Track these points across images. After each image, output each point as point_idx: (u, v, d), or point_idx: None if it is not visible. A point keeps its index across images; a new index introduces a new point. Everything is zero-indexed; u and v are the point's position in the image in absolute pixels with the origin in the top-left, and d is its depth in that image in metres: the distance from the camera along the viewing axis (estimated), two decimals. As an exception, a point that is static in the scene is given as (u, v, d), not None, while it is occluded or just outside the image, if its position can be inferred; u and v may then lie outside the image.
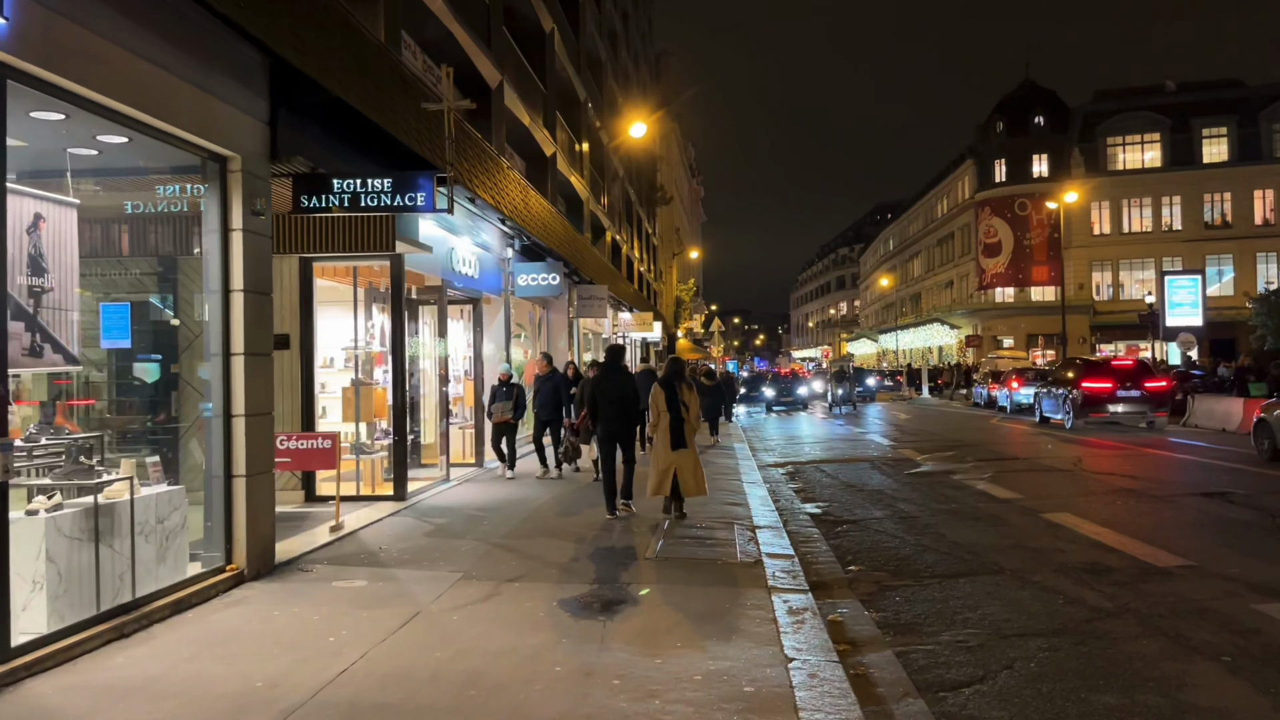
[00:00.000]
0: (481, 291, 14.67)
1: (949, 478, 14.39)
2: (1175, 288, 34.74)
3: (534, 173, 21.58)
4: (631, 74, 41.63)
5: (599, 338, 29.50)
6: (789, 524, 10.54)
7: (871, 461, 17.10)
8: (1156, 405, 22.52)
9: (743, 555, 8.17)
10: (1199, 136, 58.79)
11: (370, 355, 11.83)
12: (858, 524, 10.59)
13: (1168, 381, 23.84)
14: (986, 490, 12.82)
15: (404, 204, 7.74)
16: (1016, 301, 63.13)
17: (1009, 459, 16.83)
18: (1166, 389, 23.10)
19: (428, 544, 8.62)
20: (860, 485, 13.92)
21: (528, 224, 15.25)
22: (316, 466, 9.10)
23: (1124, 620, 6.44)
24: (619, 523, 9.86)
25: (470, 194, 11.83)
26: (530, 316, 20.79)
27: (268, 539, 7.31)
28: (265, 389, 7.28)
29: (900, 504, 11.92)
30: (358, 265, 11.18)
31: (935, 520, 10.59)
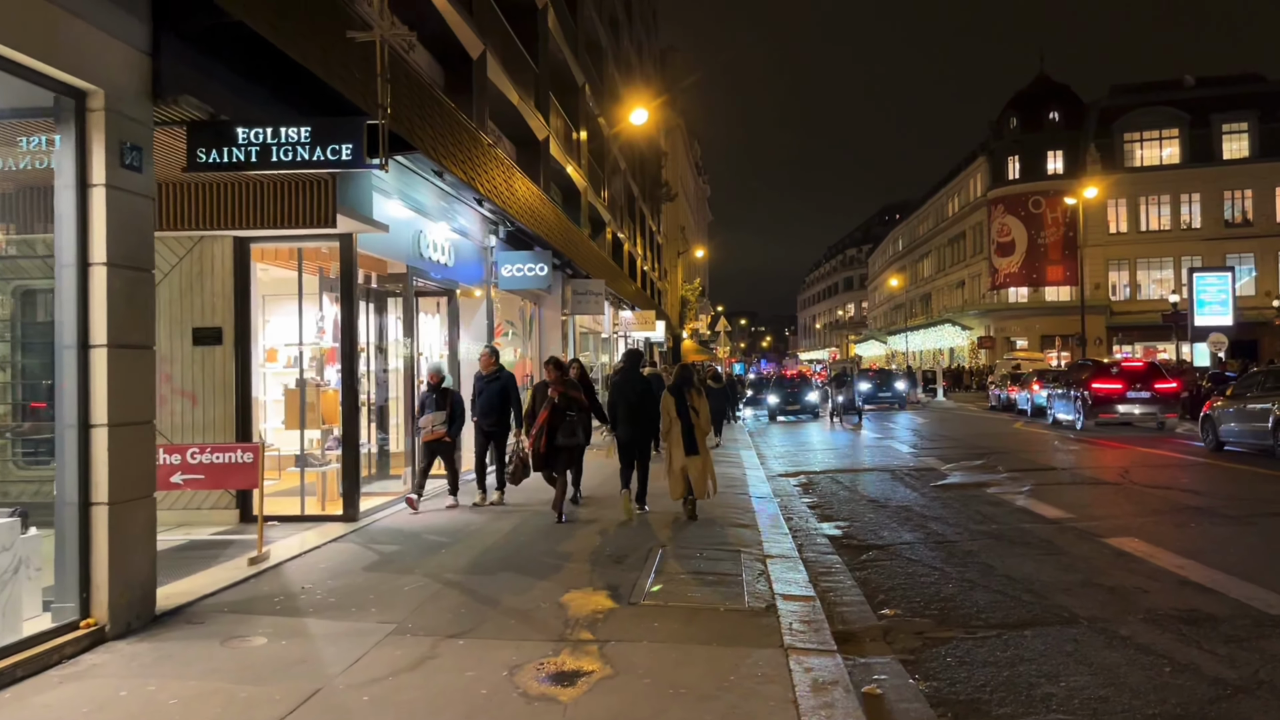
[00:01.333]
0: (458, 282, 13.11)
1: (982, 491, 12.77)
2: (1204, 285, 33.05)
3: (525, 158, 20.04)
4: (635, 64, 40.07)
5: (598, 337, 27.91)
6: (805, 549, 8.96)
7: (892, 472, 15.49)
8: (1167, 407, 22.41)
9: (751, 598, 6.58)
10: (1219, 132, 57.07)
11: (321, 352, 10.27)
12: (886, 550, 8.99)
13: (1177, 383, 23.03)
14: (1029, 507, 11.20)
15: (326, 158, 6.18)
16: (1030, 302, 61.40)
17: (1045, 469, 15.19)
18: (1176, 390, 22.75)
19: (365, 581, 7.04)
20: (883, 500, 12.32)
21: (510, 207, 13.68)
22: (235, 484, 7.55)
23: (1260, 698, 4.85)
24: (605, 552, 8.28)
25: (437, 166, 10.28)
26: (520, 313, 19.22)
27: (144, 582, 5.74)
28: (143, 392, 5.72)
29: (932, 524, 10.31)
30: (302, 247, 9.62)
31: (978, 546, 8.98)
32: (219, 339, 9.22)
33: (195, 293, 9.32)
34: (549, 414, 9.56)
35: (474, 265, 14.22)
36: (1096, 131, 58.52)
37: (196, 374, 9.29)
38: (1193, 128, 57.06)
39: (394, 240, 10.78)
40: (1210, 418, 17.39)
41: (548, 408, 9.62)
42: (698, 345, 55.74)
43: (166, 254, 9.33)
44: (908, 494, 12.83)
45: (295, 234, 9.10)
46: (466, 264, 13.73)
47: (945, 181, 75.95)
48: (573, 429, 9.71)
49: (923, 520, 10.60)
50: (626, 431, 10.44)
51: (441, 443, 10.25)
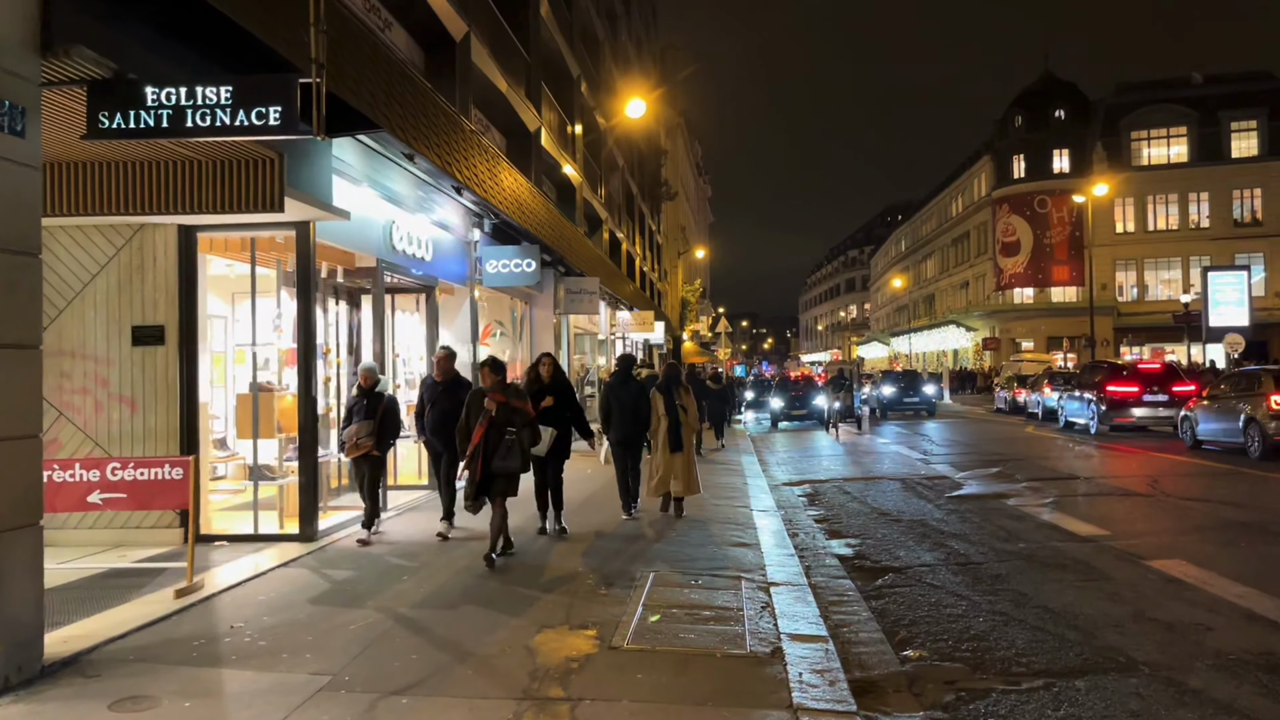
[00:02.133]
0: (438, 278, 12.17)
1: (1002, 503, 11.83)
2: (1219, 285, 32.09)
3: (515, 149, 19.11)
4: (633, 60, 39.15)
5: (594, 338, 26.98)
6: (813, 572, 8.03)
7: (903, 481, 14.53)
8: None
9: (754, 640, 5.63)
10: (1227, 130, 56.15)
11: (282, 354, 9.34)
12: (904, 574, 8.04)
13: (1195, 385, 22.00)
14: (1056, 522, 10.25)
15: (251, 123, 5.24)
16: (1036, 302, 60.44)
17: (1066, 477, 14.24)
18: (1195, 393, 21.29)
19: (307, 617, 6.09)
20: (896, 513, 11.37)
21: (494, 198, 12.75)
22: (164, 504, 6.61)
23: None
24: (589, 578, 7.33)
25: (407, 148, 9.34)
26: (511, 313, 18.29)
27: (25, 628, 4.81)
28: (24, 400, 4.78)
29: (952, 541, 9.36)
30: (255, 236, 8.68)
31: (1006, 569, 8.03)
32: (161, 338, 8.29)
33: (135, 287, 8.38)
34: (484, 430, 7.55)
35: (456, 261, 13.29)
36: (1103, 130, 57.61)
37: (136, 377, 8.36)
38: (1201, 126, 56.13)
39: (362, 231, 9.86)
40: (1189, 417, 18.23)
41: (483, 422, 7.59)
42: (698, 347, 54.79)
43: (103, 244, 8.40)
44: (922, 506, 11.88)
45: (245, 221, 8.18)
46: (447, 259, 12.80)
47: (949, 181, 75.01)
48: (510, 451, 7.58)
49: (941, 537, 9.65)
50: (620, 434, 10.43)
51: (368, 458, 8.57)
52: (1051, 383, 28.36)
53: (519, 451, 7.65)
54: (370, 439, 8.44)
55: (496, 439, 7.61)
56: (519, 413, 7.77)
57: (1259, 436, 15.54)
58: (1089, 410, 22.18)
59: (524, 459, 7.70)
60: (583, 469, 14.99)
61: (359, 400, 8.53)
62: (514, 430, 7.65)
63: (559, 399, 9.14)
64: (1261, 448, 15.44)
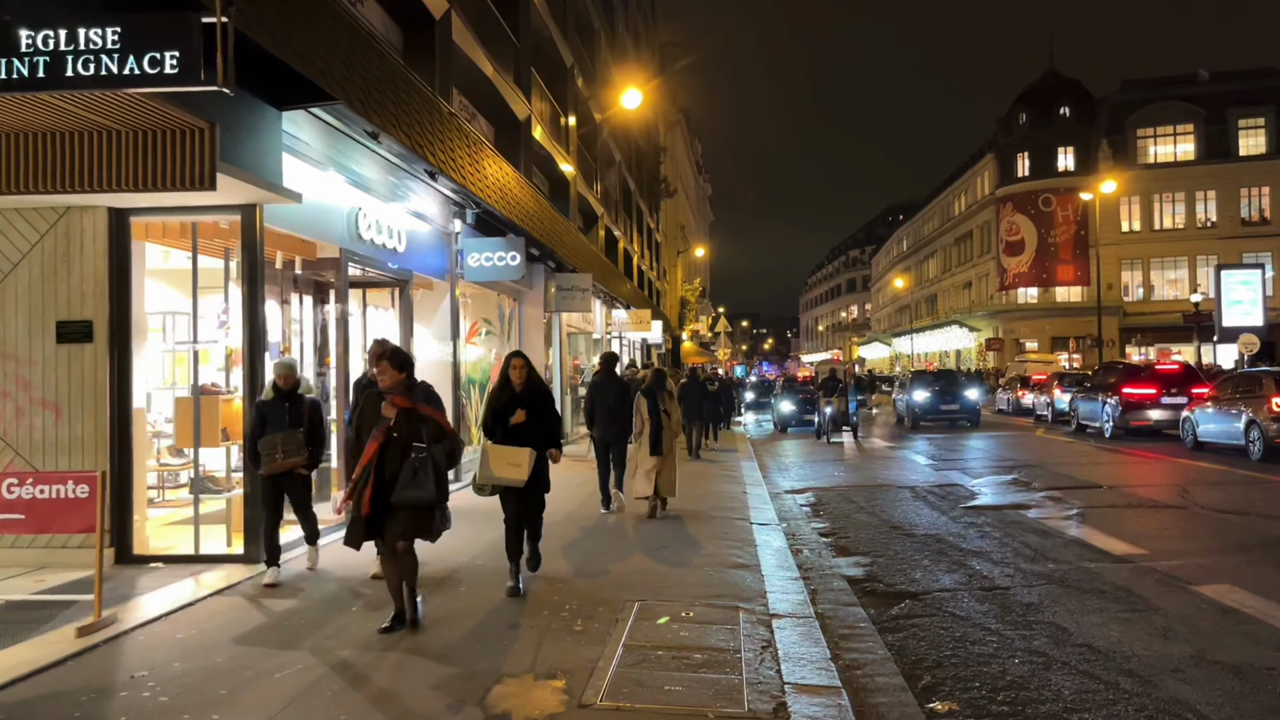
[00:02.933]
0: (413, 271, 11.27)
1: (1023, 516, 10.93)
2: (1233, 284, 31.18)
3: (504, 139, 18.20)
4: (631, 53, 38.24)
5: (589, 338, 26.08)
6: (820, 597, 7.15)
7: (912, 489, 13.63)
8: None
9: (753, 694, 4.73)
10: (1235, 127, 55.28)
11: (230, 352, 8.44)
12: (922, 600, 7.14)
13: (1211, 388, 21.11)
14: (1086, 539, 9.35)
15: (144, 72, 4.35)
16: (1040, 302, 59.57)
17: (1087, 485, 13.32)
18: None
19: (226, 663, 5.18)
20: (908, 526, 10.47)
21: (476, 186, 11.87)
22: (67, 527, 5.71)
23: None
24: (564, 608, 6.44)
25: (370, 125, 8.46)
26: (499, 311, 17.40)
27: None
28: None
29: (974, 561, 8.46)
30: (197, 221, 7.77)
31: (1038, 596, 7.13)
32: (89, 335, 7.39)
33: (60, 278, 7.49)
34: (379, 447, 5.66)
35: (435, 253, 12.39)
36: (1109, 127, 56.75)
37: (61, 379, 7.46)
38: (1208, 123, 55.27)
39: (323, 218, 8.97)
40: (1190, 419, 18.15)
41: (379, 435, 5.68)
42: (697, 347, 53.90)
43: (25, 229, 7.51)
44: (935, 518, 10.99)
45: (182, 202, 7.29)
46: (425, 251, 11.91)
47: (952, 180, 74.12)
48: (419, 476, 5.64)
49: (961, 555, 8.74)
50: (602, 433, 10.91)
51: (293, 476, 7.11)
52: (1062, 384, 27.50)
53: (431, 476, 5.64)
54: (300, 454, 6.99)
55: (397, 458, 5.62)
56: (429, 422, 5.76)
57: (1260, 438, 15.60)
58: (1104, 413, 21.29)
59: (439, 485, 5.73)
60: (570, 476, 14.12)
61: (277, 404, 6.95)
62: (422, 447, 5.68)
63: (534, 411, 6.93)
64: (1262, 449, 15.49)
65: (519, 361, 7.04)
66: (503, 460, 6.63)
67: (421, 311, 12.80)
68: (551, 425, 7.09)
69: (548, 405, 7.12)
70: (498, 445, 6.74)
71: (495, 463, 6.64)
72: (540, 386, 7.15)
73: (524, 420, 6.83)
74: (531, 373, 7.05)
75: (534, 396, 7.01)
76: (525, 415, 6.83)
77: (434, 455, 5.72)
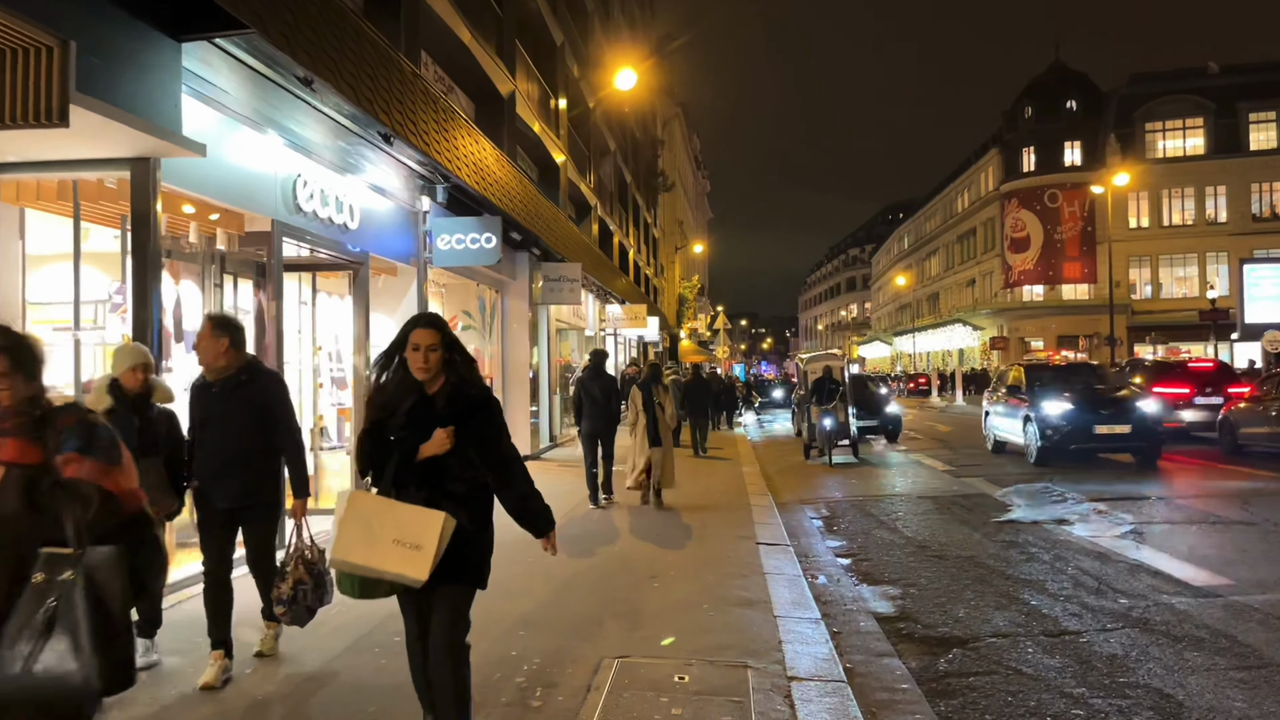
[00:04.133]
0: (368, 252, 9.84)
1: (1068, 533, 9.51)
2: (1255, 278, 29.80)
3: (486, 115, 16.77)
4: (626, 36, 36.79)
5: (580, 334, 24.64)
6: (847, 646, 5.74)
7: (935, 500, 12.21)
8: None
9: (774, 823, 3.31)
10: (1245, 121, 53.99)
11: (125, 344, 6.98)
12: (974, 650, 5.72)
13: (1251, 388, 19.71)
14: (1152, 564, 7.92)
15: None
16: (1046, 300, 58.22)
17: (1131, 497, 11.89)
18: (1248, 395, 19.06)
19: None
20: (938, 546, 9.05)
21: (443, 156, 10.45)
22: None
23: None
24: (519, 670, 5.01)
25: (302, 70, 7.03)
26: (480, 303, 15.98)
27: None
28: None
29: (1025, 593, 7.05)
30: (77, 178, 6.34)
31: (1118, 644, 5.71)
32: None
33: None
34: None
35: (398, 234, 10.96)
36: (1116, 121, 55.41)
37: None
38: (1218, 117, 53.97)
39: (253, 184, 7.55)
40: (1229, 420, 16.98)
41: None
42: (696, 345, 52.50)
43: None
44: (968, 535, 9.57)
45: (57, 155, 5.86)
46: (385, 231, 10.48)
47: (954, 176, 72.77)
48: (46, 622, 2.78)
49: (1007, 585, 7.33)
50: (590, 427, 10.96)
51: None
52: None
53: (83, 631, 2.78)
54: (164, 497, 4.70)
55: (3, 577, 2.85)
56: (74, 495, 2.93)
57: None
58: (1130, 414, 19.80)
59: (104, 651, 2.83)
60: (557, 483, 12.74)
61: (120, 418, 4.46)
62: (61, 557, 2.84)
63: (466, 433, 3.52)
64: None
65: (429, 335, 3.46)
66: (386, 529, 3.29)
67: (384, 300, 11.39)
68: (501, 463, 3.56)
69: (491, 429, 3.55)
70: (380, 498, 3.40)
71: (367, 532, 3.31)
72: (476, 394, 3.56)
73: (450, 447, 3.44)
74: (457, 362, 3.54)
75: (467, 408, 3.50)
76: (452, 440, 3.43)
77: (96, 577, 2.82)
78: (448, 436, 3.41)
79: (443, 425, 3.44)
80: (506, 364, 16.56)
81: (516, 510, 3.63)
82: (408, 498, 3.43)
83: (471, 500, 3.51)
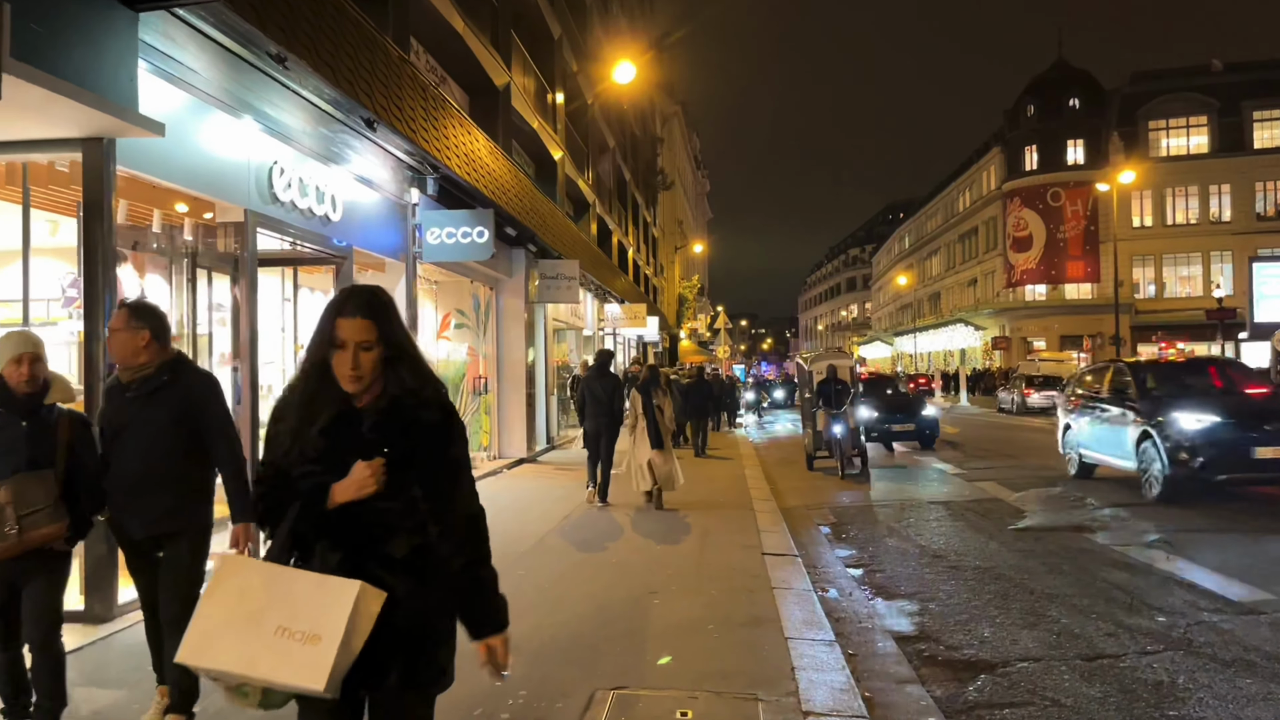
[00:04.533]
0: (351, 246, 9.35)
1: (1090, 541, 9.02)
2: (1265, 277, 29.32)
3: (481, 109, 16.28)
4: (626, 31, 36.29)
5: (579, 333, 24.15)
6: (864, 670, 5.26)
7: (947, 505, 11.72)
8: None
9: None
10: (1249, 119, 53.53)
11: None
12: (1004, 676, 5.21)
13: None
14: (1184, 576, 7.41)
15: None
16: (1049, 300, 57.73)
17: (1152, 501, 11.42)
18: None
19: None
20: (954, 556, 8.56)
21: (432, 145, 9.97)
22: None
23: None
24: (496, 707, 4.52)
25: (272, 46, 6.54)
26: (474, 301, 15.49)
27: None
28: None
29: (1053, 609, 6.54)
30: (27, 160, 5.84)
31: (1164, 669, 5.20)
32: None
33: None
34: None
35: (386, 228, 10.47)
36: (1119, 119, 54.94)
37: None
38: (1222, 115, 53.50)
39: (224, 172, 7.05)
40: None
41: None
42: (696, 345, 52.03)
43: None
44: (984, 544, 9.07)
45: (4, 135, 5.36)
46: (371, 224, 9.99)
47: (956, 175, 72.29)
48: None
49: (1033, 600, 6.83)
50: (593, 426, 11.05)
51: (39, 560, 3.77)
52: (1088, 384, 25.60)
53: None
54: (52, 516, 3.72)
55: None
56: None
57: None
58: (1144, 415, 19.20)
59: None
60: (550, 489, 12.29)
61: (4, 421, 3.78)
62: None
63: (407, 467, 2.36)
64: None
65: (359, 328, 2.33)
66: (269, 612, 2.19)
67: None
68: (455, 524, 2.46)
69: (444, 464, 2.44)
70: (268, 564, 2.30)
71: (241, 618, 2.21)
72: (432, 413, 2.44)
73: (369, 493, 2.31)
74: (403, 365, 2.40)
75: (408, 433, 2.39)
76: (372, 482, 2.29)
77: None
78: (372, 473, 2.26)
79: (367, 455, 2.29)
80: (502, 364, 16.06)
81: (462, 582, 2.44)
82: (316, 564, 2.30)
83: (417, 564, 2.34)
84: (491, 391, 15.79)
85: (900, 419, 18.35)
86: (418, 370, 2.41)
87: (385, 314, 2.38)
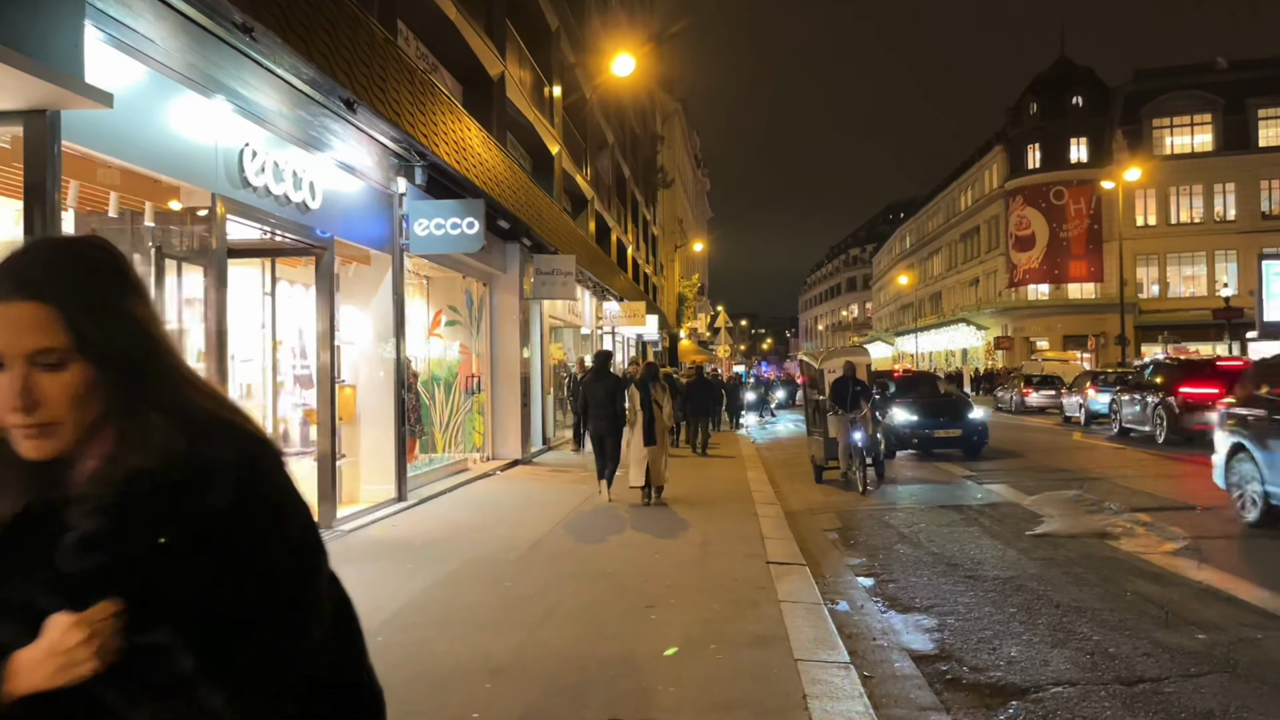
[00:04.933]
0: (332, 236, 8.85)
1: (1114, 549, 8.52)
2: (1275, 275, 28.81)
3: (475, 100, 15.78)
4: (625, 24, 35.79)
5: (576, 332, 23.66)
6: (882, 695, 4.77)
7: (960, 509, 11.21)
8: None
9: None
10: (1254, 117, 53.05)
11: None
12: (1038, 702, 4.71)
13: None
14: (1221, 588, 6.91)
15: None
16: (1052, 299, 57.24)
17: (1177, 506, 10.90)
18: None
19: None
20: (971, 565, 8.05)
21: (415, 128, 9.47)
22: None
23: None
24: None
25: (237, 15, 6.03)
26: (467, 297, 14.98)
27: None
28: None
29: (1082, 625, 6.04)
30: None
31: (1211, 695, 4.70)
32: None
33: None
34: None
35: (371, 218, 9.97)
36: (1123, 117, 54.47)
37: None
38: (1226, 113, 53.04)
39: (190, 154, 6.56)
40: None
41: None
42: (696, 345, 51.54)
43: None
44: (1003, 552, 8.57)
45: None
46: (355, 214, 9.49)
47: (958, 174, 71.80)
48: None
49: (1058, 615, 6.32)
50: (595, 427, 11.04)
51: None
52: (1096, 383, 25.17)
53: None
54: None
55: None
56: None
57: None
58: (1156, 415, 18.86)
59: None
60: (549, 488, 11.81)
61: None
62: None
63: (155, 622, 1.07)
64: None
65: (19, 315, 1.08)
66: None
67: (355, 291, 10.41)
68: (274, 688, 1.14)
69: (262, 593, 1.12)
70: None
71: None
72: (223, 472, 1.11)
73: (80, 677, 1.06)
74: (144, 388, 1.14)
75: (146, 539, 1.08)
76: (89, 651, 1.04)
77: None
78: (87, 636, 1.05)
79: (78, 599, 1.07)
80: (495, 362, 15.56)
81: None
82: None
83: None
84: (485, 391, 15.30)
85: (944, 423, 16.60)
86: (184, 406, 1.16)
87: (86, 289, 1.13)
